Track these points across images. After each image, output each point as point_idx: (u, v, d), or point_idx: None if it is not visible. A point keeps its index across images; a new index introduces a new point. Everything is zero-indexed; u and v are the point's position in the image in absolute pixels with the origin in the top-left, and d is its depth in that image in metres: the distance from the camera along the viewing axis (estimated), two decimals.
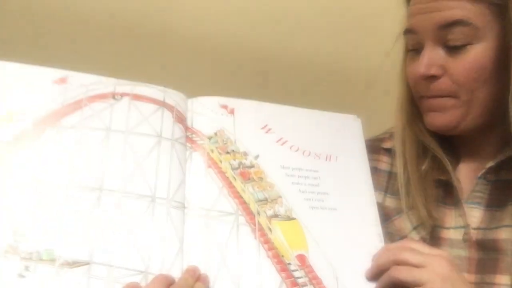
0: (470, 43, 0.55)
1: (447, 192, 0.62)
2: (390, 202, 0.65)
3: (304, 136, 0.59)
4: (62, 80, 0.55)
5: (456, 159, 0.63)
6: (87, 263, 0.47)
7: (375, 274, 0.52)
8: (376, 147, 0.69)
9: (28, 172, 0.49)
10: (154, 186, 0.51)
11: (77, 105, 0.53)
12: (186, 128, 0.56)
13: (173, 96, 0.57)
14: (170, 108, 0.56)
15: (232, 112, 0.58)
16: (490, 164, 0.59)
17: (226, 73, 0.94)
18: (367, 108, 0.69)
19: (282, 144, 0.58)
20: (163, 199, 0.51)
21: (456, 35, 0.55)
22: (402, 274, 0.49)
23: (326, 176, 0.57)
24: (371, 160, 0.63)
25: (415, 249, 0.50)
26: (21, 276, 0.45)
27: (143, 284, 0.47)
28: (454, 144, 0.64)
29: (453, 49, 0.56)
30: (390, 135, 0.68)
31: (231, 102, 0.59)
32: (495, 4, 0.54)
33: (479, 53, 0.55)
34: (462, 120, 0.58)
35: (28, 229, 0.46)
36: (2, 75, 0.53)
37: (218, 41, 0.87)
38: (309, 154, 0.58)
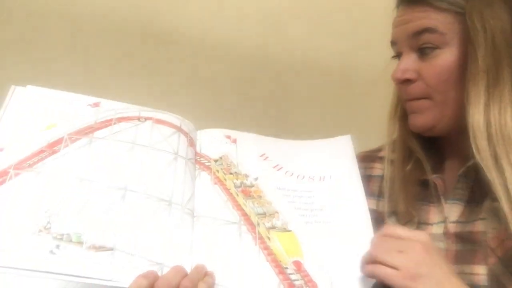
0: (438, 48, 0.62)
1: (431, 191, 0.67)
2: (382, 206, 0.70)
3: (298, 162, 0.69)
4: (96, 104, 0.64)
5: (442, 159, 0.69)
6: (111, 249, 0.52)
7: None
8: (372, 157, 0.76)
9: (66, 169, 0.55)
10: (171, 193, 0.59)
11: (107, 123, 0.62)
12: (195, 153, 0.66)
13: (187, 125, 0.67)
14: (185, 134, 0.65)
15: (234, 141, 0.69)
16: (469, 162, 0.62)
17: (230, 76, 0.94)
18: (371, 108, 0.75)
19: (278, 170, 0.68)
20: (178, 204, 0.58)
21: (425, 42, 0.62)
22: (382, 256, 0.54)
23: (320, 194, 0.65)
24: (366, 168, 0.71)
25: (395, 235, 0.55)
26: (52, 253, 0.49)
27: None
28: (439, 146, 0.69)
29: (425, 55, 0.63)
30: (385, 146, 0.74)
31: (234, 133, 0.69)
32: (458, 12, 0.61)
33: (447, 57, 0.61)
34: (439, 121, 0.63)
35: (62, 215, 0.52)
36: (48, 99, 0.62)
37: (221, 43, 0.88)
38: (303, 178, 0.67)
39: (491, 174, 0.57)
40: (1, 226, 0.50)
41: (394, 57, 0.68)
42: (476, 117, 0.59)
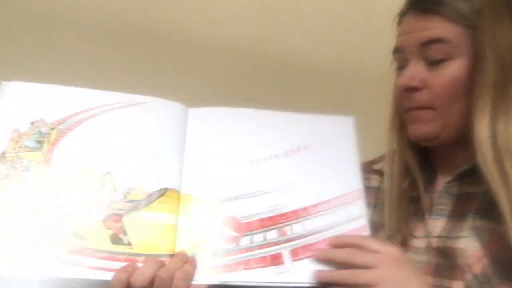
0: (447, 59, 0.62)
1: (419, 206, 0.68)
2: (377, 216, 0.71)
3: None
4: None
5: (434, 172, 0.69)
6: None
7: (322, 259, 0.57)
8: (368, 168, 0.76)
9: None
10: None
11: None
12: None
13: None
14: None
15: None
16: (449, 178, 0.65)
17: (226, 74, 0.95)
18: (369, 108, 0.76)
19: None
20: None
21: (435, 51, 0.62)
22: (357, 277, 0.53)
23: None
24: (363, 179, 0.69)
25: (368, 249, 0.55)
26: None
27: None
28: (432, 157, 0.69)
29: (433, 65, 0.62)
30: (381, 158, 0.76)
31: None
32: (469, 26, 0.61)
33: (455, 68, 0.61)
34: (440, 132, 0.63)
35: None
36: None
37: (219, 41, 0.88)
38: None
39: (497, 187, 0.57)
40: None
41: (399, 68, 0.67)
42: (482, 130, 0.59)
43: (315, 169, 0.66)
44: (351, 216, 0.63)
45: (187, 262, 0.56)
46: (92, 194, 0.59)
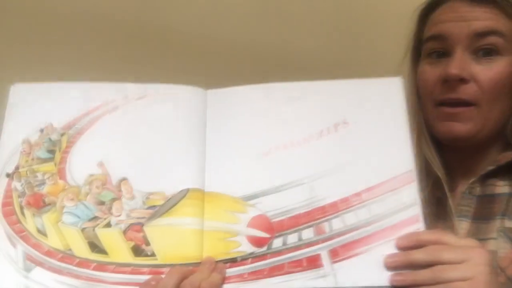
0: (498, 54, 0.60)
1: (442, 207, 0.64)
2: None
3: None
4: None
5: (452, 174, 0.66)
6: None
7: (401, 264, 0.50)
8: None
9: None
10: None
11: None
12: None
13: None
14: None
15: None
16: (473, 179, 0.62)
17: (226, 72, 0.93)
18: None
19: None
20: None
21: (489, 44, 0.59)
22: (448, 274, 0.48)
23: None
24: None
25: (450, 244, 0.49)
26: None
27: None
28: (449, 160, 0.65)
29: (483, 58, 0.60)
30: None
31: None
32: None
33: (504, 65, 0.59)
34: (479, 132, 0.61)
35: None
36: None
37: (219, 40, 0.86)
38: None
39: None
40: None
41: (430, 56, 0.64)
42: None
43: (356, 150, 0.57)
44: (402, 205, 0.54)
45: (214, 271, 0.51)
46: (109, 204, 0.55)
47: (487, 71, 0.60)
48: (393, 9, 0.68)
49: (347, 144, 0.57)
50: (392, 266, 0.50)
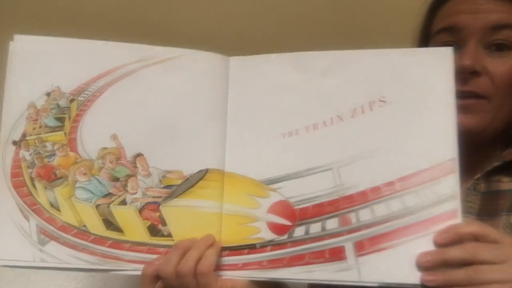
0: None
1: None
2: None
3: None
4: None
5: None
6: None
7: (435, 264, 0.48)
8: None
9: None
10: None
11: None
12: None
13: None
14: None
15: None
16: (478, 175, 0.60)
17: None
18: None
19: None
20: None
21: (503, 38, 0.57)
22: (485, 275, 0.45)
23: None
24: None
25: (491, 241, 0.46)
26: None
27: None
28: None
29: (496, 51, 0.58)
30: None
31: None
32: None
33: None
34: (489, 126, 0.58)
35: None
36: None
37: (220, 39, 0.79)
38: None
39: None
40: None
41: (445, 43, 0.60)
42: None
43: (393, 133, 0.51)
44: (440, 197, 0.49)
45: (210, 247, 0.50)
46: (124, 180, 0.52)
47: (500, 65, 0.58)
48: (394, 9, 0.67)
49: (383, 126, 0.51)
50: (426, 265, 0.47)
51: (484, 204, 0.60)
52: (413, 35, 0.66)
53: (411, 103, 0.51)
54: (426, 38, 0.65)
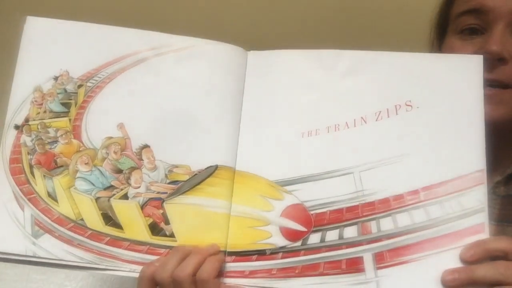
0: None
1: None
2: None
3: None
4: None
5: None
6: None
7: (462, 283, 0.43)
8: None
9: None
10: None
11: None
12: None
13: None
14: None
15: None
16: (498, 178, 0.56)
17: None
18: None
19: None
20: None
21: None
22: None
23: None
24: None
25: None
26: None
27: None
28: None
29: None
30: None
31: None
32: None
33: None
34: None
35: None
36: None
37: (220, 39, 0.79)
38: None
39: None
40: None
41: (462, 32, 0.57)
42: None
43: (419, 139, 0.48)
44: (466, 210, 0.46)
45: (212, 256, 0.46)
46: (127, 173, 0.48)
47: None
48: (395, 9, 0.63)
49: (408, 131, 0.48)
50: (452, 284, 0.43)
51: (504, 208, 0.56)
52: (425, 35, 0.63)
53: (439, 110, 0.48)
54: (445, 22, 0.61)
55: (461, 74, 0.48)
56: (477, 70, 0.48)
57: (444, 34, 0.61)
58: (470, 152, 0.47)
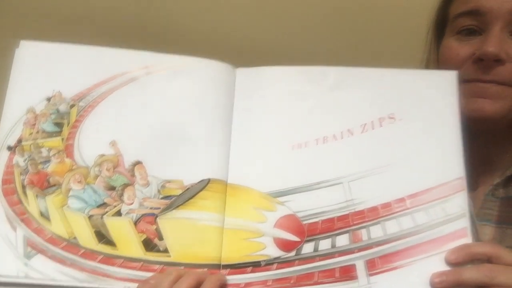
0: None
1: None
2: None
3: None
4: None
5: (472, 172, 0.58)
6: None
7: (450, 284, 0.44)
8: None
9: None
10: None
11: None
12: None
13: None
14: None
15: None
16: (497, 180, 0.57)
17: None
18: None
19: None
20: None
21: None
22: None
23: None
24: None
25: (507, 262, 0.43)
26: None
27: None
28: (469, 155, 0.58)
29: None
30: None
31: None
32: None
33: None
34: (507, 113, 0.55)
35: None
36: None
37: (220, 39, 0.81)
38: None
39: None
40: None
41: (459, 33, 0.58)
42: None
43: (402, 149, 0.50)
44: (449, 216, 0.48)
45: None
46: (120, 190, 0.49)
47: None
48: (395, 8, 0.65)
49: (393, 142, 0.50)
50: (440, 286, 0.44)
51: (503, 210, 0.57)
52: (422, 36, 0.64)
53: (419, 122, 0.51)
54: (443, 23, 0.62)
55: (437, 88, 0.51)
56: (452, 84, 0.51)
57: (442, 35, 0.62)
58: (450, 161, 0.49)
